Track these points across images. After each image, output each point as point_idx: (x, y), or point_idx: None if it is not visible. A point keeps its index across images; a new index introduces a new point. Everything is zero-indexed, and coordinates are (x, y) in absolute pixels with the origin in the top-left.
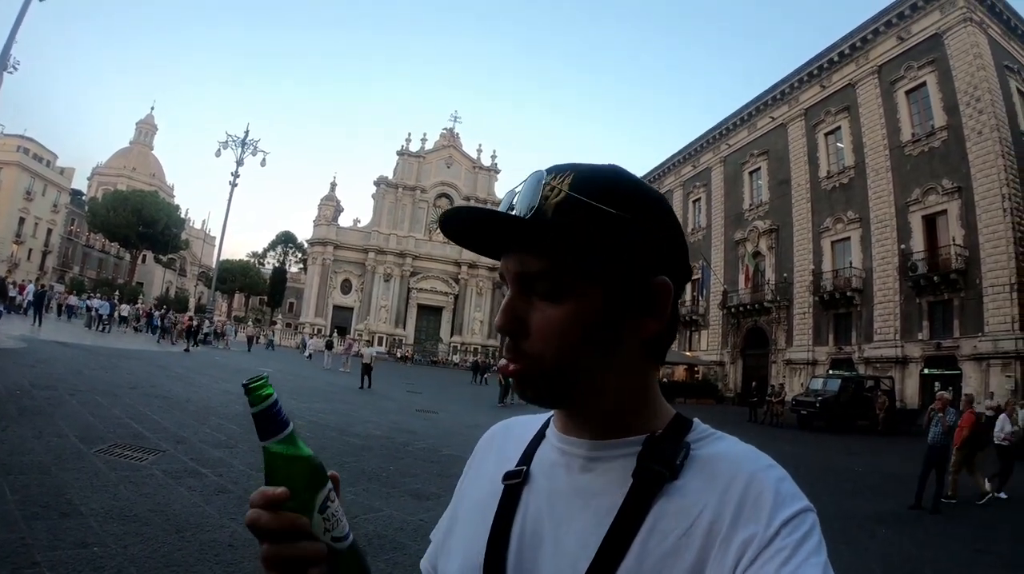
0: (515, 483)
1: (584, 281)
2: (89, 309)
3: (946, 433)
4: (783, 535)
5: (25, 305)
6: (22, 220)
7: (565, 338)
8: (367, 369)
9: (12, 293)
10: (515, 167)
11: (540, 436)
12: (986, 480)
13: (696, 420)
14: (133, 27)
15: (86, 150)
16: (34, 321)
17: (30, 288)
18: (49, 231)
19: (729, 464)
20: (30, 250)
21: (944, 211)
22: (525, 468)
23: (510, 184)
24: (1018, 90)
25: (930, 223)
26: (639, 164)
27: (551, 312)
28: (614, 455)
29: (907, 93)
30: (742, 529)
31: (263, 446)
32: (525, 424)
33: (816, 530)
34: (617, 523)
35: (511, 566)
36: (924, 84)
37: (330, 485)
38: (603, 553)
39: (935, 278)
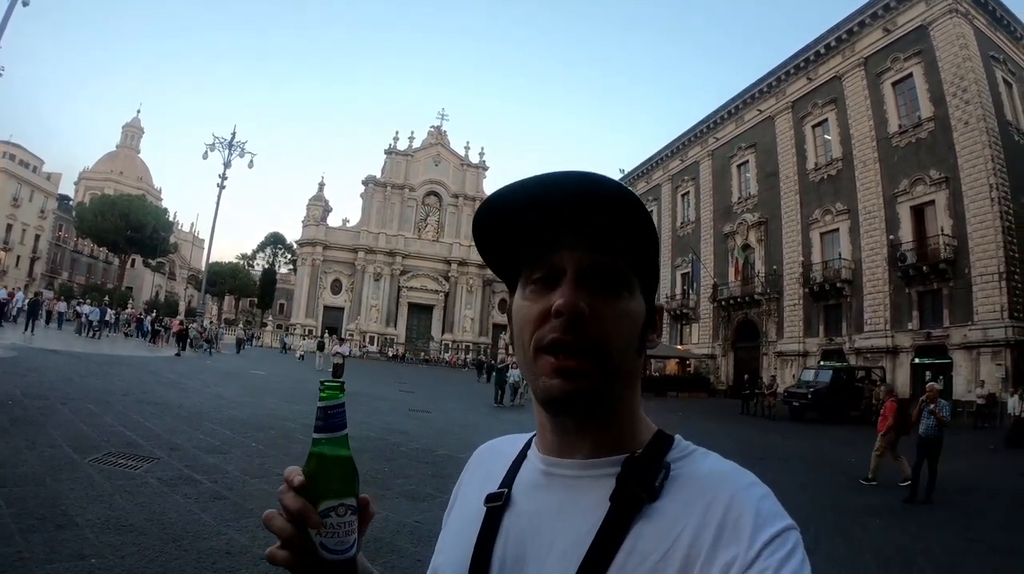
0: (497, 506)
1: (638, 283)
2: (79, 315)
3: (939, 425)
4: (765, 556)
5: (15, 312)
6: (9, 227)
7: (626, 330)
8: (338, 370)
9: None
10: (504, 164)
11: (522, 457)
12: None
13: (678, 437)
14: (117, 29)
15: (72, 155)
16: (26, 329)
17: (19, 295)
18: (37, 237)
19: (709, 483)
20: (18, 257)
21: (932, 201)
22: (507, 490)
23: (499, 182)
24: (1004, 80)
25: (918, 213)
26: (627, 159)
27: (619, 305)
28: (596, 475)
29: (894, 84)
30: (723, 551)
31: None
32: (511, 442)
33: (799, 548)
34: (595, 546)
35: None
36: (910, 75)
37: (349, 502)
38: None
39: (924, 268)
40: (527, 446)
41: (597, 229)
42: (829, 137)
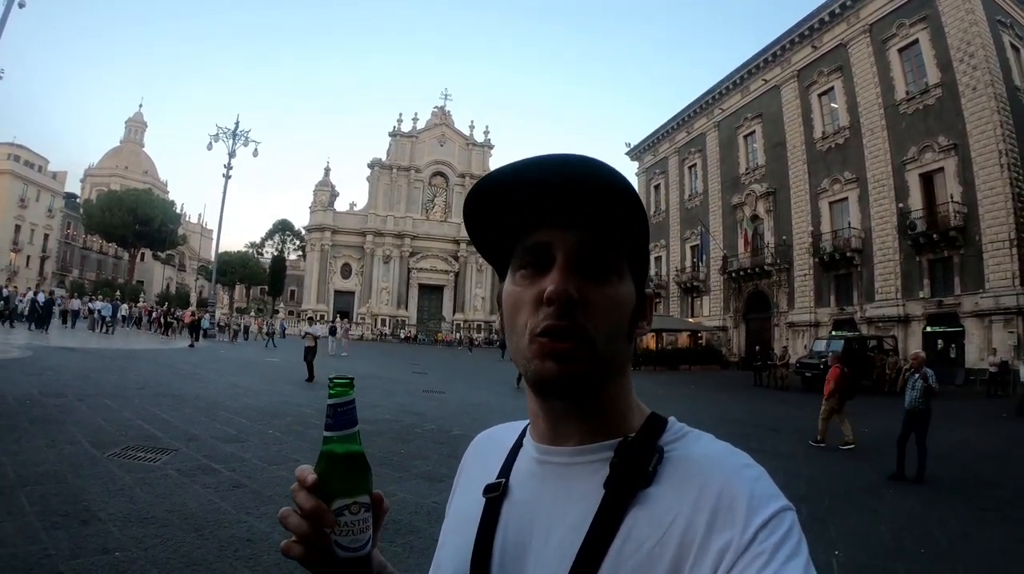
0: (495, 496)
1: (629, 269)
2: (91, 311)
3: (924, 395)
4: (760, 539)
5: (26, 311)
6: (18, 227)
7: (616, 315)
8: (309, 353)
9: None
10: (510, 141)
11: (518, 446)
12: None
13: (671, 419)
14: (113, 23)
15: (77, 152)
16: (40, 327)
17: (39, 296)
18: (46, 236)
19: (702, 467)
20: (28, 257)
21: (941, 168)
22: (504, 481)
23: (506, 159)
24: (1011, 45)
25: (927, 181)
26: (632, 132)
27: (609, 290)
28: (588, 461)
29: (900, 51)
30: (717, 536)
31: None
32: (508, 431)
33: (795, 530)
34: (591, 534)
35: None
36: (916, 41)
37: (362, 499)
38: (578, 565)
39: (934, 236)
40: (523, 435)
41: (588, 214)
42: (836, 105)
